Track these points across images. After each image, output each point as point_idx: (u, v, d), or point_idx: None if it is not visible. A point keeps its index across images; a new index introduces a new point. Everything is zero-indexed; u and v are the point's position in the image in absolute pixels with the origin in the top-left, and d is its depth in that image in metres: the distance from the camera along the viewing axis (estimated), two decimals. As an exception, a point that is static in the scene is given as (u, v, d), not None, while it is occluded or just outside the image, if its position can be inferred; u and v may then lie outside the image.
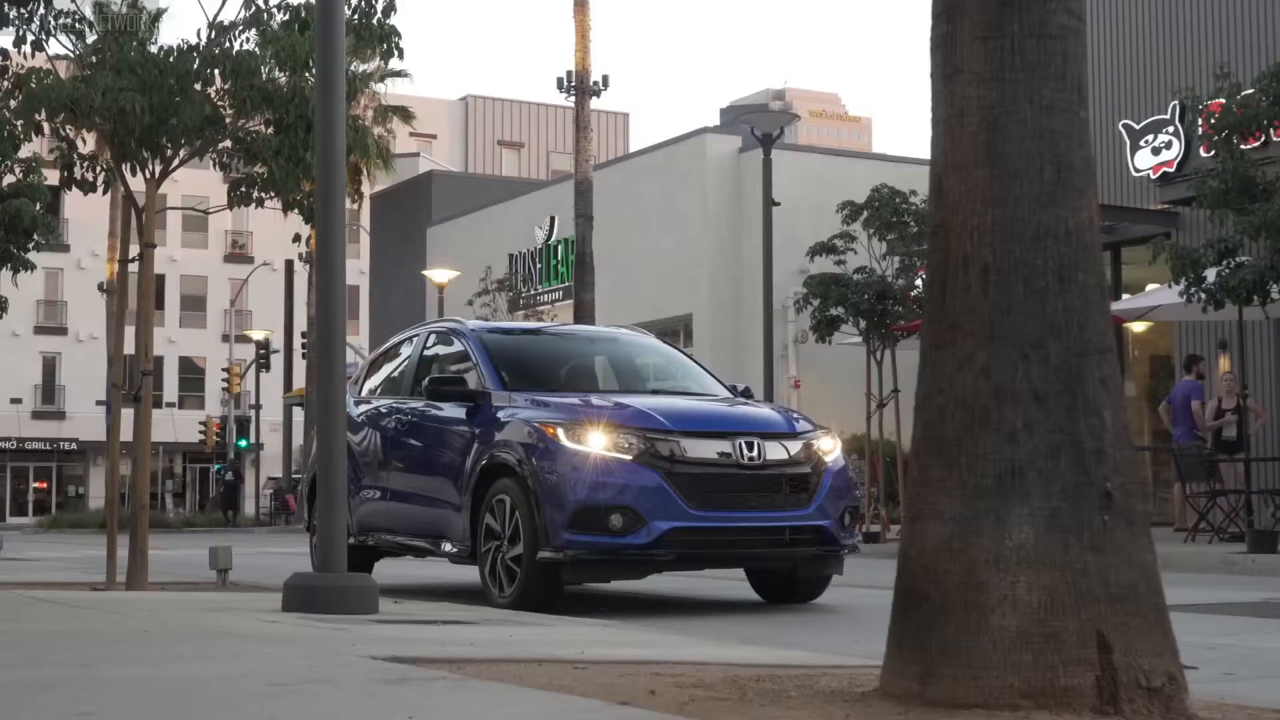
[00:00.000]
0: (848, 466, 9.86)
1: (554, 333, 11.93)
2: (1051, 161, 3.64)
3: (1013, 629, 3.40)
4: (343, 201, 7.50)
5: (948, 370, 3.66)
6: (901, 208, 20.20)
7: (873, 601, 10.39)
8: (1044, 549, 3.44)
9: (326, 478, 7.27)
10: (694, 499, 8.93)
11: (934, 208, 3.79)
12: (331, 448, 7.26)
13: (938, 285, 3.73)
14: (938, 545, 3.55)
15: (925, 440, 3.69)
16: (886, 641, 3.72)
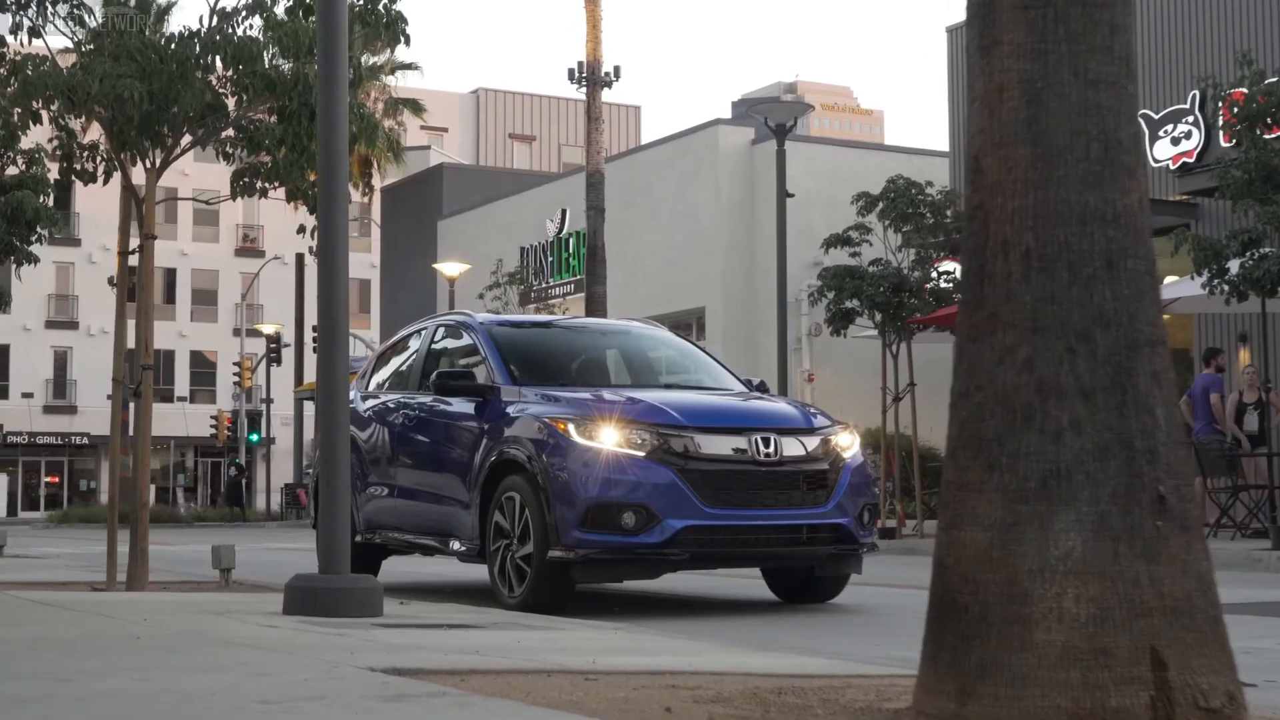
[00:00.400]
0: (866, 463, 9.59)
1: (565, 326, 11.65)
2: (1098, 139, 3.37)
3: (1059, 645, 3.14)
4: (345, 189, 7.24)
5: (987, 364, 3.39)
6: (918, 199, 19.89)
7: (891, 601, 10.14)
8: (1092, 557, 3.17)
9: (328, 475, 7.02)
10: (709, 496, 8.68)
11: (971, 189, 3.52)
12: (333, 444, 7.01)
13: (975, 272, 3.46)
14: (977, 553, 3.29)
15: (962, 440, 3.42)
16: (921, 655, 3.46)
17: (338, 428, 7.01)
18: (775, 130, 21.70)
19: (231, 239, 74.04)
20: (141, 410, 9.61)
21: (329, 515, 6.98)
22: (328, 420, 7.04)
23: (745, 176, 32.83)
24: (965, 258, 3.52)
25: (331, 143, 7.35)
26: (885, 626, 8.35)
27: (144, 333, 9.55)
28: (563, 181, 39.05)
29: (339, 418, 7.02)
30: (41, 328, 69.71)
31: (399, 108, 44.75)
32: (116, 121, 9.19)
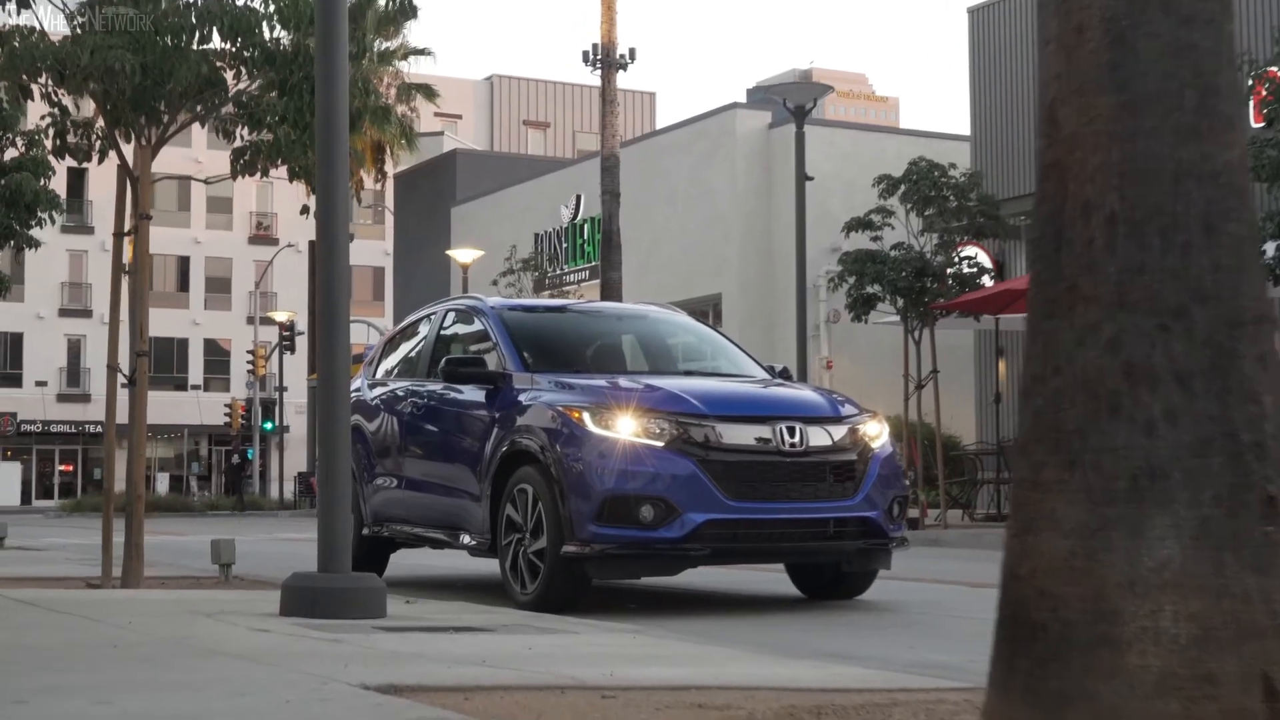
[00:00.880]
0: (895, 453, 9.14)
1: (580, 310, 11.17)
2: (1193, 85, 2.91)
3: (1155, 670, 2.69)
4: (345, 163, 6.81)
5: (1065, 345, 2.94)
6: (940, 181, 19.39)
7: (920, 597, 9.69)
8: (1193, 569, 2.73)
9: (328, 467, 6.59)
10: (731, 489, 8.23)
11: (1044, 144, 3.06)
12: (333, 435, 6.58)
13: (1050, 239, 3.01)
14: (1056, 563, 2.84)
15: (1037, 432, 2.96)
16: (989, 679, 3.01)
17: (338, 417, 6.58)
18: (794, 112, 21.21)
19: (245, 226, 73.74)
20: (137, 398, 9.19)
21: (329, 510, 6.56)
22: (328, 409, 6.61)
23: (762, 161, 32.34)
24: (1037, 224, 3.06)
25: (331, 113, 6.92)
26: (917, 626, 7.91)
27: (140, 317, 9.13)
28: (577, 167, 38.58)
29: (339, 407, 6.60)
30: (55, 316, 69.54)
31: (411, 93, 44.24)
32: (109, 96, 8.77)
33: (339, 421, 6.57)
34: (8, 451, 69.21)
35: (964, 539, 17.04)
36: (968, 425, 26.32)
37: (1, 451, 68.72)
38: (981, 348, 26.05)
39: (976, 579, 11.37)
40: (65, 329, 69.89)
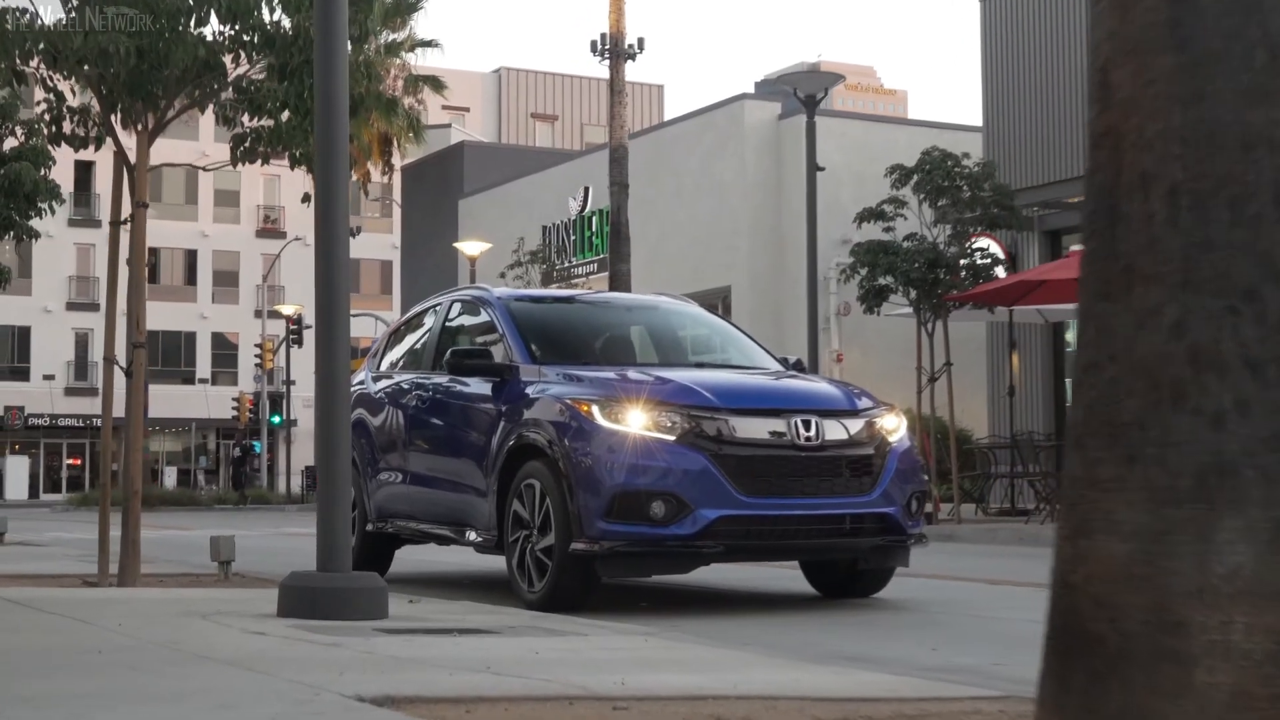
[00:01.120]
0: (914, 447, 8.88)
1: (588, 301, 10.91)
2: (1262, 43, 2.65)
3: (1226, 689, 2.44)
4: (345, 149, 6.56)
5: (1123, 329, 2.67)
6: (954, 171, 19.10)
7: (937, 595, 9.43)
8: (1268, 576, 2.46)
9: (328, 464, 6.34)
10: (745, 484, 7.97)
11: (1097, 110, 2.80)
12: (333, 430, 6.33)
13: (1104, 214, 2.74)
14: (1114, 570, 2.58)
15: (1091, 424, 2.70)
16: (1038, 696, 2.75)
17: (338, 411, 6.34)
18: (805, 101, 20.93)
19: (252, 220, 73.57)
20: (134, 391, 8.95)
21: (328, 507, 6.31)
22: (327, 402, 6.36)
23: (772, 152, 32.07)
24: (1090, 196, 2.80)
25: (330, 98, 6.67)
26: (937, 626, 7.65)
27: (137, 308, 8.89)
28: (585, 159, 38.33)
29: (339, 400, 6.35)
30: (63, 309, 69.43)
31: (419, 85, 43.98)
32: (105, 80, 8.52)
33: (339, 415, 6.33)
34: (15, 445, 69.11)
35: (978, 534, 16.78)
36: (979, 419, 26.05)
37: (9, 445, 68.60)
38: (993, 340, 25.76)
39: (994, 575, 11.13)
40: (73, 322, 69.74)
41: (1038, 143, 24.96)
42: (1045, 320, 21.82)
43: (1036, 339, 24.69)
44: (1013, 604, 8.90)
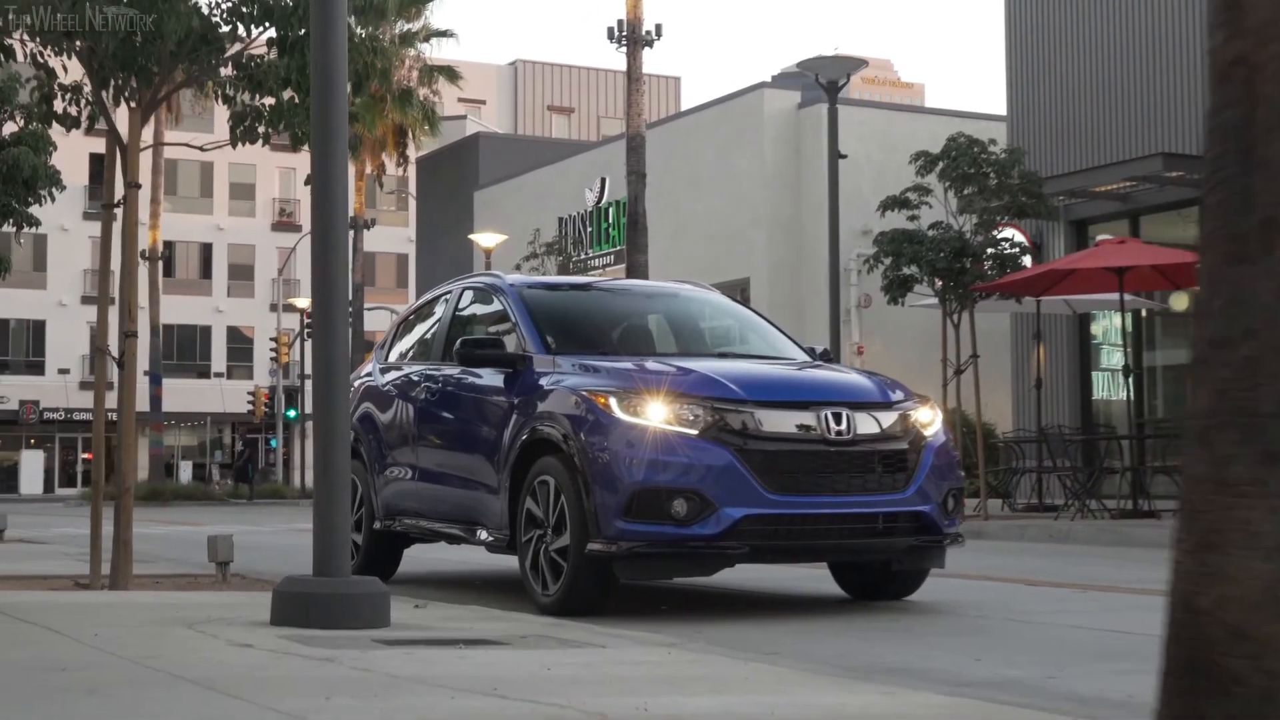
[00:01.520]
0: (950, 442, 8.39)
1: (605, 288, 10.42)
2: None
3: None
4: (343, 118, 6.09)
5: (1260, 298, 2.20)
6: (980, 158, 18.57)
7: (972, 596, 8.94)
8: None
9: (326, 460, 5.88)
10: (772, 481, 7.50)
11: (1223, 37, 2.32)
12: (332, 423, 5.87)
13: (1234, 159, 2.27)
14: (1254, 593, 2.10)
15: (1221, 415, 2.23)
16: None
17: (336, 402, 5.87)
18: (827, 88, 20.42)
19: (268, 213, 73.26)
20: (126, 382, 8.52)
21: (326, 506, 5.84)
22: (325, 393, 5.90)
23: (791, 142, 31.56)
24: (1216, 138, 2.33)
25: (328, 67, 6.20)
26: (979, 633, 7.17)
27: (127, 294, 8.45)
28: (602, 150, 37.84)
29: (337, 391, 5.89)
30: (78, 304, 69.20)
31: (434, 76, 43.53)
32: (95, 55, 8.07)
33: (337, 407, 5.86)
34: (31, 440, 68.92)
35: (1007, 530, 16.28)
36: (1002, 413, 25.54)
37: (24, 440, 68.41)
38: (1018, 332, 25.24)
39: (1030, 575, 10.64)
40: (88, 316, 69.30)
41: (1064, 130, 24.42)
42: (1073, 311, 21.29)
43: (1062, 331, 24.16)
44: (1053, 606, 8.42)
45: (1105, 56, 23.91)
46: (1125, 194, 23.33)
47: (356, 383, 10.87)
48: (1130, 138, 23.27)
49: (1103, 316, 24.38)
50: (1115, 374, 24.47)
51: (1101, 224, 24.23)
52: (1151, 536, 14.62)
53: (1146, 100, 23.09)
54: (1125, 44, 23.59)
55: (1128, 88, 23.42)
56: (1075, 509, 17.15)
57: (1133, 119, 23.31)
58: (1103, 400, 24.56)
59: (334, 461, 5.81)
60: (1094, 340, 24.67)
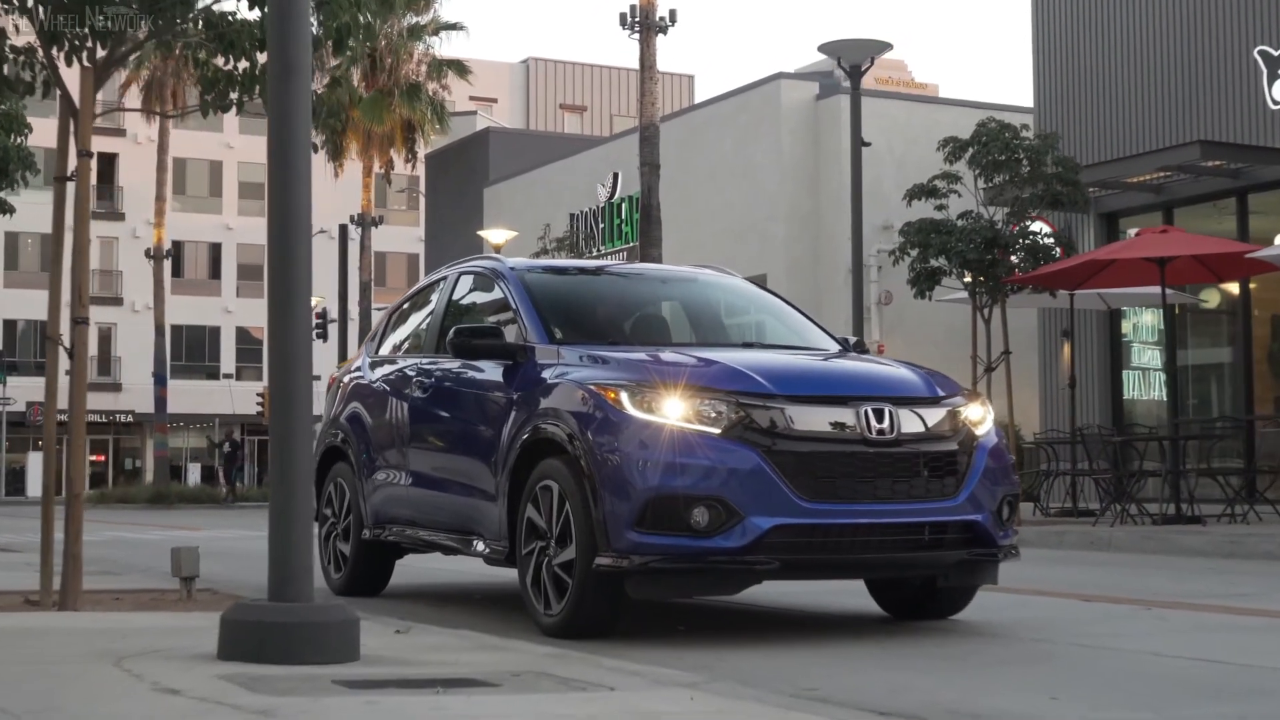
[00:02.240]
0: (1004, 442, 7.45)
1: (617, 273, 9.43)
2: None
3: None
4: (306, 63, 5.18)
5: None
6: (1013, 143, 17.61)
7: (1026, 614, 8.01)
8: None
9: (283, 462, 4.95)
10: (805, 486, 6.57)
11: None
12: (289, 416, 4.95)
13: None
14: None
15: None
16: None
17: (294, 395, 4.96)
18: (850, 72, 19.47)
19: (278, 213, 72.47)
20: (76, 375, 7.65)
21: (283, 518, 4.92)
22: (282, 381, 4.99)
23: (809, 134, 30.62)
24: None
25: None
26: (1045, 661, 6.25)
27: (80, 277, 7.57)
28: (614, 144, 36.91)
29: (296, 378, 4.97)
30: (85, 304, 68.42)
31: (443, 70, 42.60)
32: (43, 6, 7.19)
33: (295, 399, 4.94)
34: (38, 441, 68.27)
35: (1044, 537, 15.33)
36: (1028, 413, 24.58)
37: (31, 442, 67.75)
38: (1045, 328, 24.30)
39: (1082, 589, 9.71)
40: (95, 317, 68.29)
41: (1094, 118, 23.46)
42: (1107, 306, 20.33)
43: (1093, 327, 23.21)
44: (1119, 627, 7.48)
45: (1138, 40, 22.95)
46: (1158, 185, 22.37)
47: (346, 378, 9.97)
48: (1164, 126, 22.31)
49: (1132, 313, 23.44)
50: (1147, 373, 23.53)
51: (1133, 217, 23.26)
52: (1199, 544, 13.69)
53: (1182, 86, 22.13)
54: (1159, 27, 22.63)
55: (1162, 73, 22.46)
56: (1115, 514, 16.20)
57: (1167, 106, 22.35)
58: (1133, 400, 23.61)
59: (292, 464, 4.89)
60: (1124, 338, 23.72)
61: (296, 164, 5.01)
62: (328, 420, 9.96)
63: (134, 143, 67.93)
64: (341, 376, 10.09)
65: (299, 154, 5.21)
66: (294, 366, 4.91)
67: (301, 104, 5.27)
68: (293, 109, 5.22)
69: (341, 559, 9.43)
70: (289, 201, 5.08)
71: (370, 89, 41.40)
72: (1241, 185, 21.45)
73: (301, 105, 5.26)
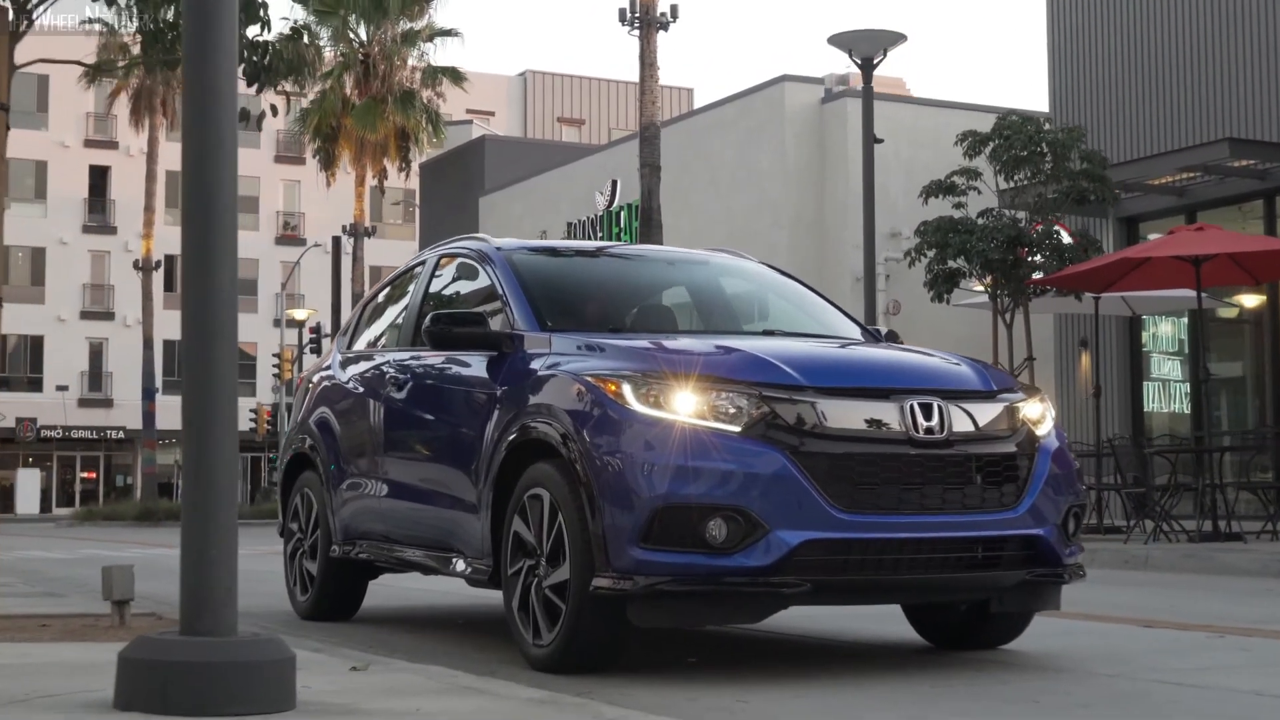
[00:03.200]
0: (1066, 445, 6.42)
1: (619, 254, 8.30)
2: None
3: None
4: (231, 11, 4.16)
5: None
6: (1036, 137, 16.59)
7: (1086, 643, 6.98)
8: None
9: (197, 457, 3.92)
10: (841, 494, 5.54)
11: None
12: (207, 404, 3.92)
13: None
14: None
15: None
16: None
17: (213, 390, 3.93)
18: (862, 65, 18.47)
19: (271, 226, 71.65)
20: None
21: (198, 530, 3.89)
22: (199, 353, 3.96)
23: (814, 138, 29.63)
24: None
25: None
26: (1132, 702, 5.21)
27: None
28: (612, 151, 35.93)
29: (216, 370, 3.94)
30: (76, 319, 67.78)
31: (437, 77, 41.66)
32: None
33: (216, 370, 3.90)
34: (29, 458, 67.32)
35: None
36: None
37: (22, 458, 66.76)
38: (1062, 336, 23.29)
39: (1137, 613, 8.67)
40: (87, 332, 68.01)
41: (1113, 117, 22.47)
42: (1132, 311, 19.31)
43: (1112, 336, 22.20)
44: (1200, 660, 6.45)
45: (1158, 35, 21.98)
46: (1182, 187, 21.38)
47: (315, 377, 8.95)
48: (1187, 125, 21.33)
49: (1150, 323, 22.46)
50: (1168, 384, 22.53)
51: (1155, 221, 22.26)
52: (1244, 563, 12.68)
53: (1204, 83, 21.15)
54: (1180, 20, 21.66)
55: (1184, 69, 21.48)
56: (1150, 531, 15.17)
57: (1190, 104, 21.37)
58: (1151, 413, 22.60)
59: (210, 455, 3.86)
60: (1144, 348, 22.73)
61: (217, 58, 4.00)
62: (295, 424, 8.95)
63: (126, 155, 67.07)
64: (310, 376, 9.07)
65: (221, 33, 4.17)
66: (215, 332, 3.89)
67: (223, 35, 4.25)
68: (213, 51, 4.19)
69: (308, 579, 8.40)
70: (209, 106, 4.06)
71: (363, 96, 40.46)
72: (1269, 187, 20.48)
73: (224, 38, 4.25)
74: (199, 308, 3.95)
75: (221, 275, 3.97)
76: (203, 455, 3.86)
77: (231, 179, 4.05)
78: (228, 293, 3.98)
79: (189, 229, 4.04)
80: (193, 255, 3.98)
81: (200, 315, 3.93)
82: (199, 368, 3.91)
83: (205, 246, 3.95)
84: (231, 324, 3.97)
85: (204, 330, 3.91)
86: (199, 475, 3.85)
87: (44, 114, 67.39)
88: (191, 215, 4.02)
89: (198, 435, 3.87)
